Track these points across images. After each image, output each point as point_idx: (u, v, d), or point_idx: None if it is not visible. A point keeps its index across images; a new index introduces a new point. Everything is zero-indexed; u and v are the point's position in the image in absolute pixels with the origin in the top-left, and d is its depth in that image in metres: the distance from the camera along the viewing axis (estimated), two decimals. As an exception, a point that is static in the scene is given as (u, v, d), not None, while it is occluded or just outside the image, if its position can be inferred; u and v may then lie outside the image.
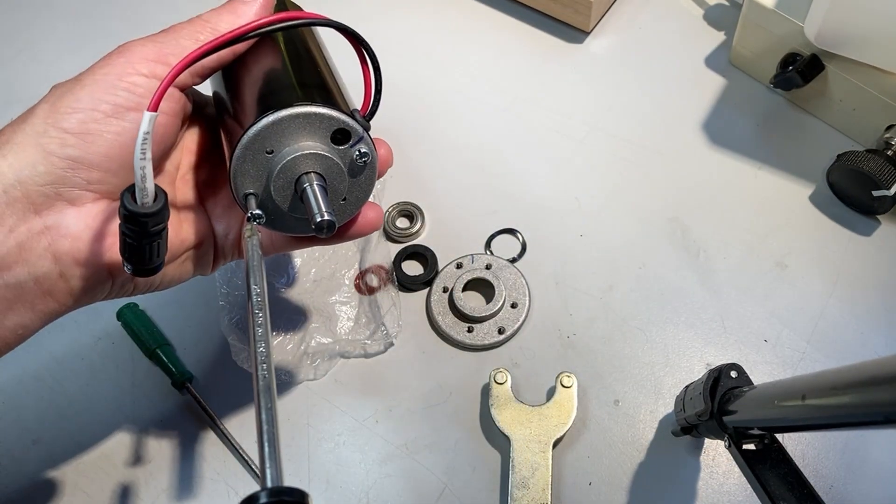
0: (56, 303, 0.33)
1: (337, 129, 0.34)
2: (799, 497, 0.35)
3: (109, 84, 0.32)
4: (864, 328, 0.50)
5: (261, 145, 0.34)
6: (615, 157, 0.58)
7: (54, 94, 0.33)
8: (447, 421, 0.48)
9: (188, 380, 0.49)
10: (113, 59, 0.33)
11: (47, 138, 0.31)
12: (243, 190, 0.34)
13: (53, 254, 0.32)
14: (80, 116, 0.31)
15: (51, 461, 0.47)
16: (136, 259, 0.32)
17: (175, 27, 0.35)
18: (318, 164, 0.34)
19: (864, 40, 0.50)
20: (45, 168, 0.31)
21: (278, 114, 0.33)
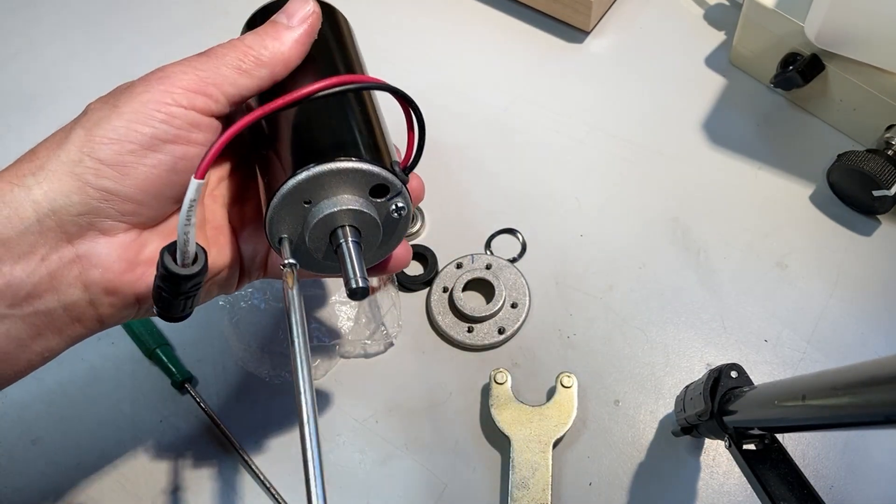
0: (83, 328, 0.33)
1: (377, 184, 0.34)
2: (799, 497, 0.35)
3: (147, 114, 0.32)
4: (864, 328, 0.50)
5: (299, 196, 0.33)
6: (615, 157, 0.58)
7: (90, 118, 0.32)
8: (447, 421, 0.48)
9: (188, 380, 0.49)
10: (152, 86, 0.32)
11: (82, 168, 0.31)
12: (278, 235, 0.34)
13: (84, 283, 0.32)
14: (116, 147, 0.31)
15: (51, 461, 0.47)
16: (168, 309, 0.32)
17: (216, 51, 0.34)
18: (355, 218, 0.34)
19: (865, 40, 0.50)
20: (79, 198, 0.31)
21: (321, 167, 0.33)
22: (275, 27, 0.35)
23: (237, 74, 0.33)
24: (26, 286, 0.30)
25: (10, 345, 0.31)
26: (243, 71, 0.34)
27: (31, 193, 0.30)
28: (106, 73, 0.65)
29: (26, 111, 0.63)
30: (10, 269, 0.30)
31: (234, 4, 0.69)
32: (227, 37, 0.72)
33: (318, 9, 0.37)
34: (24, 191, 0.30)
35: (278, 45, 0.35)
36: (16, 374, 0.32)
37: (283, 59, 0.35)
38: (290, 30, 0.35)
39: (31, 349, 0.32)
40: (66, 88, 0.64)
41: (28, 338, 0.31)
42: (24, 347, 0.31)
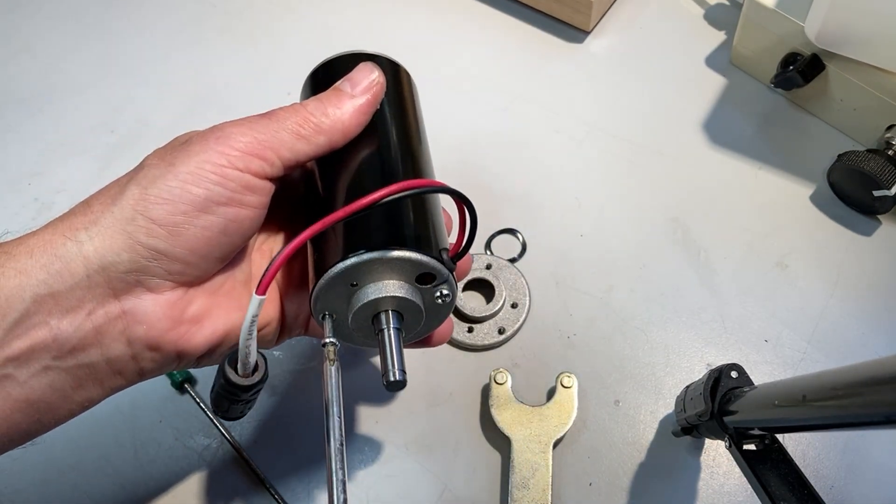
0: (124, 380, 0.34)
1: (424, 272, 0.34)
2: (799, 497, 0.35)
3: (202, 175, 0.32)
4: (864, 328, 0.50)
5: (347, 279, 0.33)
6: (615, 157, 0.58)
7: (146, 174, 0.32)
8: (447, 421, 0.48)
9: (188, 380, 0.49)
10: (209, 146, 0.32)
11: (134, 226, 0.31)
12: (322, 311, 0.34)
13: (128, 338, 0.32)
14: (169, 208, 0.31)
15: (51, 461, 0.47)
16: (227, 411, 0.35)
17: (277, 114, 0.34)
18: (399, 304, 0.34)
19: (865, 40, 0.50)
20: (128, 256, 0.31)
21: (371, 255, 0.32)
22: (338, 95, 0.36)
23: (295, 139, 0.34)
24: (72, 340, 0.31)
25: (54, 395, 0.31)
26: (301, 136, 0.34)
27: (82, 248, 0.31)
28: (106, 73, 0.65)
29: (26, 111, 0.63)
30: (58, 323, 0.30)
31: (233, 4, 0.69)
32: (227, 36, 0.73)
33: (383, 79, 0.37)
34: (76, 245, 0.31)
35: (339, 114, 0.35)
36: (56, 422, 0.33)
37: (343, 129, 0.35)
38: (352, 98, 0.35)
39: (73, 399, 0.32)
40: (66, 88, 0.64)
41: (70, 388, 0.32)
42: (66, 398, 0.32)
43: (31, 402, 0.31)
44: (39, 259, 0.30)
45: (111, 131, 0.62)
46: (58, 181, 0.59)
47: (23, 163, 0.60)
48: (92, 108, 0.63)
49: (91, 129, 0.62)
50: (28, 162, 0.60)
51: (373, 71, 0.37)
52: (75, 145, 0.61)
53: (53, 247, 0.30)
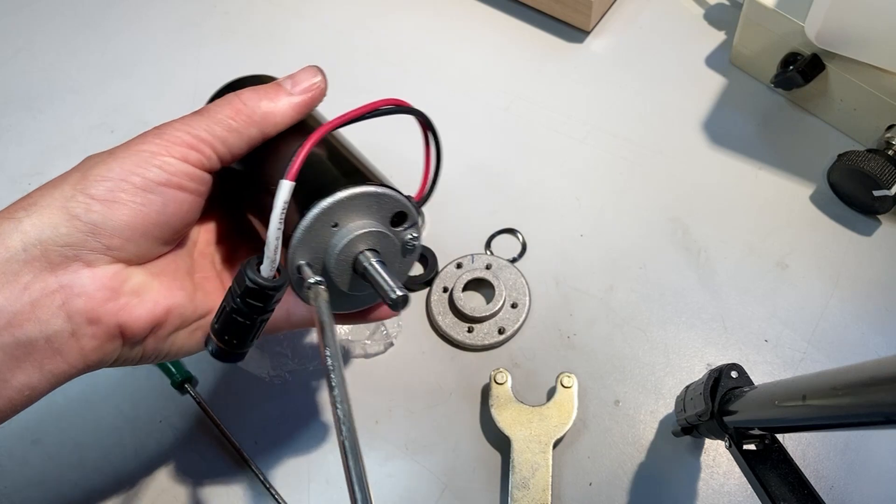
0: (65, 363, 0.33)
1: (398, 211, 0.36)
2: (800, 497, 0.35)
3: (143, 159, 0.33)
4: (864, 328, 0.50)
5: (329, 218, 0.34)
6: (615, 156, 0.58)
7: (86, 164, 0.33)
8: (447, 421, 0.48)
9: (188, 380, 0.49)
10: (149, 139, 0.34)
11: (74, 202, 0.32)
12: (298, 261, 0.34)
13: (67, 312, 0.32)
14: (109, 185, 0.32)
15: (51, 461, 0.47)
16: (240, 339, 0.33)
17: (211, 109, 0.35)
18: (378, 243, 0.35)
19: (865, 40, 0.50)
20: (66, 230, 0.32)
21: (354, 189, 0.34)
22: (276, 89, 0.37)
23: (227, 132, 0.35)
24: (6, 314, 0.31)
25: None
26: (233, 129, 0.35)
27: (20, 225, 0.31)
28: (106, 73, 0.65)
29: (26, 111, 0.63)
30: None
31: (233, 4, 0.69)
32: (227, 37, 0.73)
33: (325, 85, 0.38)
34: (13, 223, 0.31)
35: (273, 107, 0.36)
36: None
37: (275, 122, 0.36)
38: (289, 95, 0.37)
39: (11, 384, 0.32)
40: (66, 88, 0.64)
41: (7, 370, 0.31)
42: (4, 381, 0.31)
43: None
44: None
45: (111, 131, 0.62)
46: (58, 181, 0.59)
47: (23, 163, 0.60)
48: (92, 108, 0.63)
49: (91, 129, 0.62)
50: (28, 162, 0.60)
51: (316, 74, 0.38)
52: (75, 145, 0.61)
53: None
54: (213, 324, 0.34)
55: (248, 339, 0.34)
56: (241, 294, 0.32)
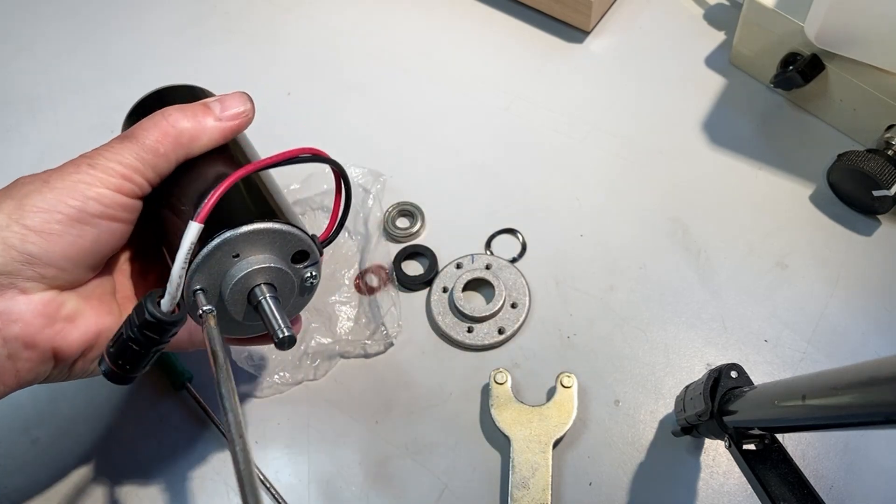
0: (2, 384, 0.34)
1: (301, 249, 0.37)
2: (799, 497, 0.35)
3: (78, 191, 0.34)
4: (864, 328, 0.50)
5: (231, 249, 0.35)
6: (615, 156, 0.58)
7: (20, 190, 0.34)
8: (447, 421, 0.48)
9: (187, 380, 0.49)
10: (83, 169, 0.34)
11: (9, 232, 0.32)
12: (195, 286, 0.35)
13: (3, 337, 0.33)
14: (45, 216, 0.33)
15: (51, 461, 0.47)
16: (133, 365, 0.33)
17: (136, 134, 0.36)
18: (276, 278, 0.36)
19: (865, 40, 0.50)
20: (2, 259, 0.32)
21: (258, 224, 0.35)
22: (204, 112, 0.37)
23: (156, 158, 0.36)
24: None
25: None
26: (160, 154, 0.36)
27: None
28: (106, 73, 0.65)
29: (26, 111, 0.63)
30: None
31: (233, 4, 0.69)
32: (226, 37, 0.73)
33: (253, 114, 0.39)
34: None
35: (199, 129, 0.37)
36: None
37: (200, 145, 0.37)
38: (218, 121, 0.37)
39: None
40: (66, 88, 0.64)
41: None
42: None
43: None
44: None
45: (111, 131, 0.61)
46: (58, 181, 0.59)
47: (23, 163, 0.60)
48: (92, 108, 0.63)
49: (91, 129, 0.62)
50: (28, 162, 0.60)
51: (246, 102, 0.39)
52: (75, 145, 0.60)
53: None
54: (109, 347, 0.34)
55: (141, 366, 0.34)
56: (138, 325, 0.32)
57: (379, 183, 0.55)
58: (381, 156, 0.58)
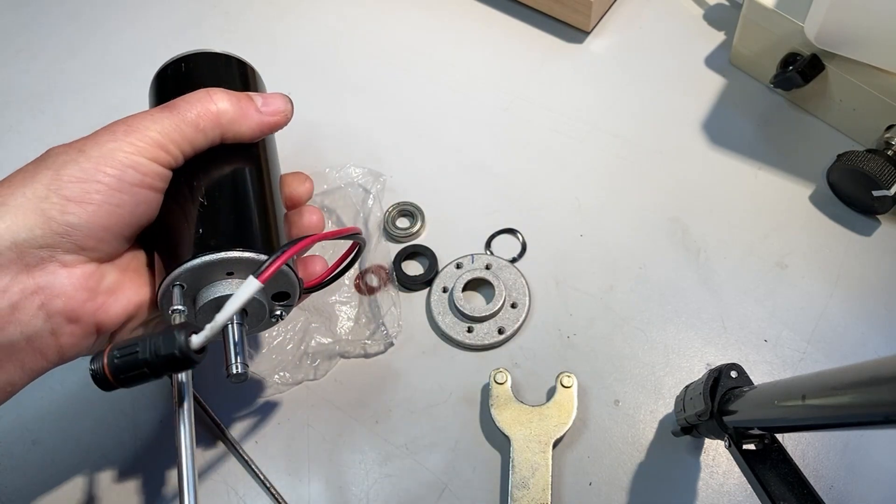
0: (45, 360, 0.34)
1: (286, 291, 0.38)
2: (799, 497, 0.35)
3: (116, 160, 0.33)
4: (864, 328, 0.50)
5: (230, 266, 0.35)
6: (615, 156, 0.58)
7: (55, 160, 0.33)
8: (447, 421, 0.48)
9: (188, 380, 0.49)
10: (118, 137, 0.34)
11: (48, 203, 0.32)
12: (178, 281, 0.35)
13: (47, 312, 0.32)
14: (84, 186, 0.32)
15: (51, 461, 0.47)
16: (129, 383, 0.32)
17: (180, 106, 0.36)
18: (251, 306, 0.37)
19: (865, 40, 0.50)
20: (42, 232, 0.32)
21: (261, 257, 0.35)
22: (247, 102, 0.38)
23: (194, 132, 0.36)
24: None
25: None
26: (200, 129, 0.36)
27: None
28: (106, 73, 0.65)
29: (26, 111, 0.63)
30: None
31: (233, 4, 0.69)
32: (226, 37, 0.73)
33: (292, 115, 0.40)
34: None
35: (240, 118, 0.37)
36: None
37: (236, 133, 0.37)
38: (260, 115, 0.38)
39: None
40: (66, 88, 0.64)
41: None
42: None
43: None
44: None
45: (111, 131, 0.62)
46: (58, 181, 0.59)
47: (23, 163, 0.60)
48: (92, 108, 0.63)
49: (91, 130, 0.61)
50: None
51: (288, 104, 0.40)
52: (75, 145, 0.61)
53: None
54: (115, 356, 0.31)
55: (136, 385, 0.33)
56: (162, 355, 0.31)
57: (379, 183, 0.55)
58: (381, 156, 0.58)
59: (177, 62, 0.43)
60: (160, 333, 0.31)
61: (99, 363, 0.32)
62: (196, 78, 0.42)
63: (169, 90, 0.42)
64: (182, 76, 0.43)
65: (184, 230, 0.36)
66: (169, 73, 0.43)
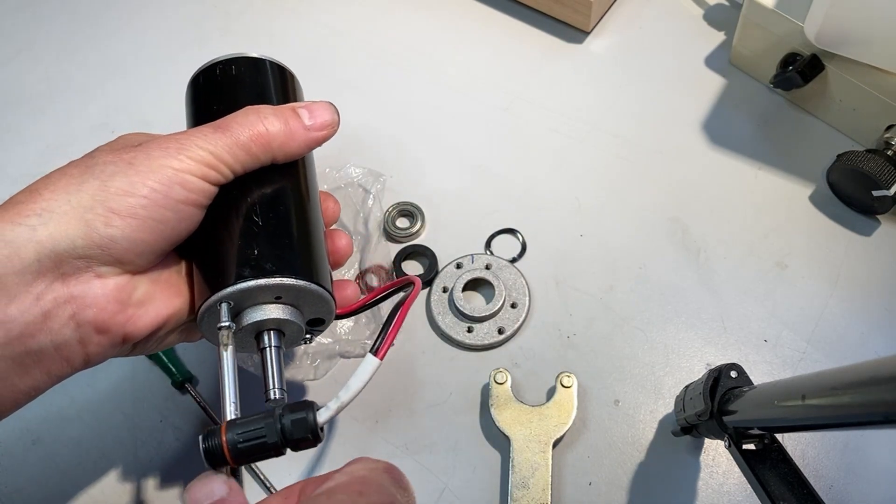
0: (70, 367, 0.34)
1: (322, 318, 0.38)
2: (799, 497, 0.35)
3: (166, 176, 0.33)
4: (864, 328, 0.50)
5: (280, 291, 0.35)
6: (615, 156, 0.58)
7: (104, 169, 0.33)
8: (447, 421, 0.48)
9: (188, 380, 0.49)
10: (171, 152, 0.34)
11: (93, 214, 0.32)
12: (228, 300, 0.35)
13: (77, 322, 0.32)
14: (131, 201, 0.32)
15: (51, 461, 0.47)
16: (250, 461, 0.32)
17: (232, 127, 0.35)
18: (288, 328, 0.37)
19: (864, 40, 0.50)
20: (83, 243, 0.32)
21: (317, 288, 0.36)
22: (295, 120, 0.37)
23: (246, 155, 0.35)
24: (18, 325, 0.31)
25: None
26: (252, 154, 0.36)
27: (35, 233, 0.31)
28: (106, 73, 0.65)
29: (26, 111, 0.63)
30: (5, 308, 0.30)
31: (233, 4, 0.69)
32: (225, 37, 0.72)
33: (338, 125, 0.39)
34: (27, 231, 0.31)
35: (290, 138, 0.37)
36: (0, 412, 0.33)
37: (286, 154, 0.37)
38: (307, 132, 0.38)
39: (18, 388, 0.32)
40: (66, 88, 0.64)
41: (16, 377, 0.32)
42: (12, 387, 0.32)
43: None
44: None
45: (111, 131, 0.62)
46: (58, 181, 0.59)
47: (23, 163, 0.60)
48: (92, 108, 0.63)
49: (91, 129, 0.62)
50: (28, 162, 0.60)
51: (334, 114, 0.39)
52: (75, 145, 0.61)
53: (1, 233, 0.30)
54: (238, 440, 0.31)
55: (253, 461, 0.33)
56: (294, 439, 0.32)
57: (379, 183, 0.55)
58: (381, 156, 0.58)
59: (212, 68, 0.42)
60: (284, 415, 0.32)
61: (216, 442, 0.31)
62: (237, 87, 0.41)
63: (209, 99, 0.41)
64: (221, 84, 0.41)
65: (234, 247, 0.35)
66: (211, 79, 0.42)
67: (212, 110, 0.39)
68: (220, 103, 0.40)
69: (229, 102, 0.39)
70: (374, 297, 0.42)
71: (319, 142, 0.38)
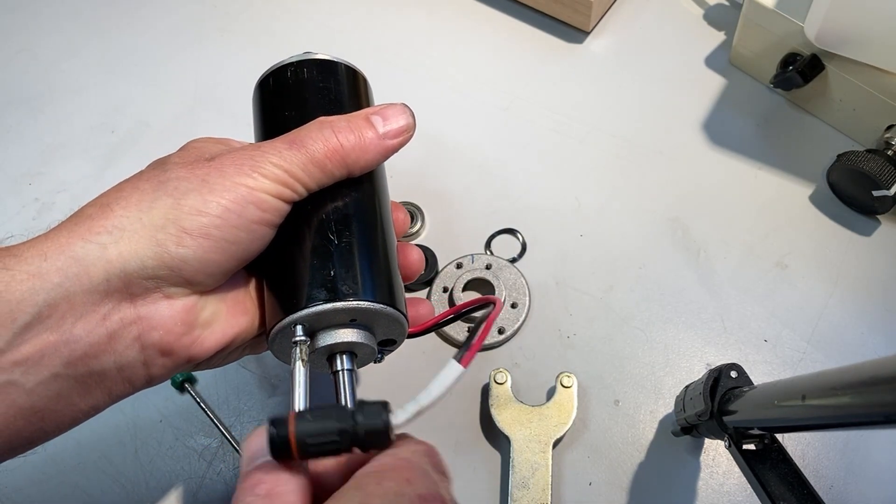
0: (132, 387, 0.33)
1: (394, 339, 0.38)
2: (799, 497, 0.35)
3: (240, 195, 0.32)
4: (864, 328, 0.50)
5: (355, 314, 0.34)
6: (615, 157, 0.58)
7: (178, 187, 0.32)
8: (447, 421, 0.48)
9: (188, 379, 0.49)
10: (244, 171, 0.32)
11: (165, 234, 0.31)
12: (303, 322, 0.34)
13: (142, 344, 0.32)
14: (204, 220, 0.31)
15: (52, 460, 0.47)
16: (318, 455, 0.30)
17: (304, 142, 0.34)
18: (361, 350, 0.36)
19: (865, 40, 0.50)
20: (154, 263, 0.31)
21: (394, 312, 0.35)
22: (368, 128, 0.36)
23: (320, 173, 0.34)
24: (83, 344, 0.30)
25: (59, 403, 0.31)
26: (326, 170, 0.34)
27: (105, 252, 0.30)
28: (106, 73, 0.65)
29: (26, 111, 0.63)
30: (71, 328, 0.30)
31: (233, 4, 0.69)
32: (225, 37, 0.73)
33: (414, 129, 0.38)
34: (98, 248, 0.30)
35: (364, 149, 0.35)
36: (59, 430, 0.32)
37: (362, 167, 0.36)
38: (381, 140, 0.36)
39: (79, 407, 0.31)
40: (66, 88, 0.64)
41: (78, 397, 0.31)
42: (73, 406, 0.31)
43: (35, 409, 0.30)
44: (55, 262, 0.29)
45: (111, 131, 0.62)
46: (58, 181, 0.59)
47: (23, 163, 0.60)
48: (92, 108, 0.63)
49: (91, 129, 0.62)
50: (28, 162, 0.60)
51: (409, 117, 0.37)
52: (76, 145, 0.61)
53: (71, 249, 0.30)
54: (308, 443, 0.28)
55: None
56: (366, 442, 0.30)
57: (379, 183, 0.55)
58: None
59: (282, 70, 0.41)
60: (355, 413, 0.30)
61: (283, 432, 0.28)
62: (310, 92, 0.39)
63: (280, 104, 0.39)
64: (292, 88, 0.40)
65: (307, 267, 0.34)
66: (282, 82, 0.40)
67: (283, 117, 0.38)
68: (292, 109, 0.38)
69: (301, 109, 0.38)
70: (447, 316, 0.40)
71: (395, 149, 0.37)
